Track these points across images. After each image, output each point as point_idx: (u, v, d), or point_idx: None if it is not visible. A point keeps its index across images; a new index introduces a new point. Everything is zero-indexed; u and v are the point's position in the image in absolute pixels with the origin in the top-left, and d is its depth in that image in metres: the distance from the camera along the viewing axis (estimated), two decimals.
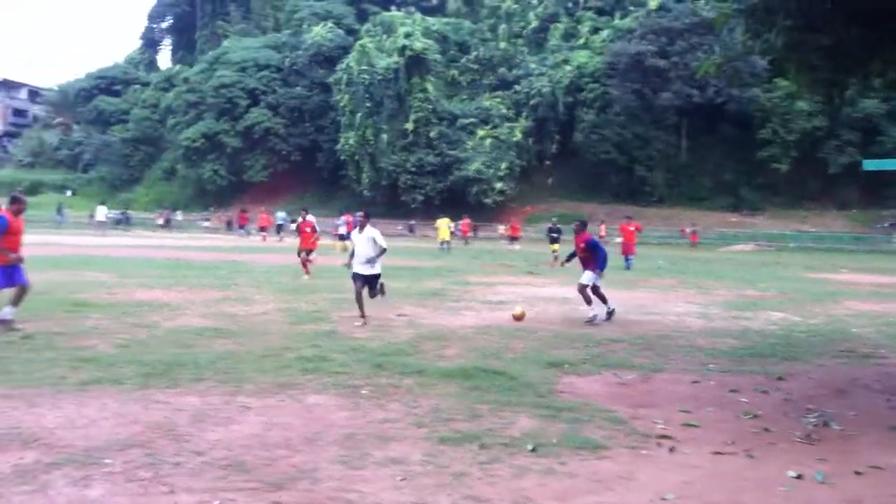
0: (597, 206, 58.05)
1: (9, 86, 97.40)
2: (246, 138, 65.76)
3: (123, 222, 57.96)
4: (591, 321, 12.71)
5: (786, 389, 8.24)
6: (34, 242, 33.62)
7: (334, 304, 14.38)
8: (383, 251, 12.17)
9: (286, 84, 67.63)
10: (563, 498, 4.87)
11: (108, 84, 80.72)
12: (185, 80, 71.65)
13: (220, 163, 66.58)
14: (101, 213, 47.24)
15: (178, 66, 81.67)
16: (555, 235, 30.25)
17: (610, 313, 13.10)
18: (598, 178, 60.29)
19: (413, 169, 59.77)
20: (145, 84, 79.52)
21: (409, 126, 60.18)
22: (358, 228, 12.56)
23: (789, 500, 5.00)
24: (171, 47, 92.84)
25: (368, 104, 61.11)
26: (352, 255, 12.67)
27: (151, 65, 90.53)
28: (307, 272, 20.05)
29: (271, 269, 23.04)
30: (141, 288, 16.14)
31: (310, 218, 21.98)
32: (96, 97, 78.91)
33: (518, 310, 12.82)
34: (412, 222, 57.98)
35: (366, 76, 60.67)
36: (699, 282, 22.14)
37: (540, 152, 62.96)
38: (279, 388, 7.55)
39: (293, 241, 34.67)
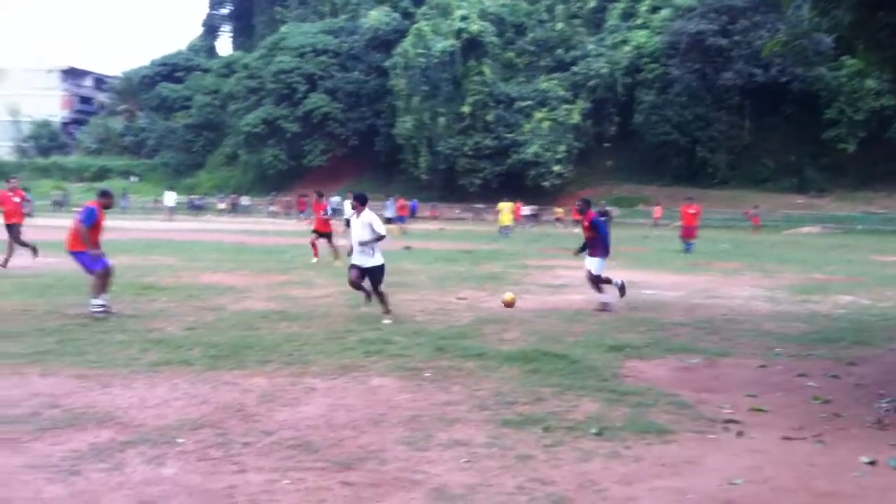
0: (657, 189, 57.33)
1: (75, 74, 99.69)
2: (305, 123, 66.30)
3: (199, 208, 58.73)
4: (604, 307, 12.09)
5: (857, 374, 8.07)
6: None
7: (395, 287, 14.45)
8: (380, 238, 10.86)
9: (343, 69, 67.94)
10: (629, 482, 4.85)
11: (170, 71, 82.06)
12: (245, 67, 72.48)
13: (279, 148, 67.27)
14: (171, 198, 48.28)
15: (238, 53, 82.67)
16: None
17: (621, 288, 12.62)
18: (658, 160, 59.47)
19: (470, 153, 59.64)
20: (206, 70, 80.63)
21: (466, 109, 60.02)
22: (355, 214, 11.23)
23: (862, 487, 4.90)
24: (231, 34, 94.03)
25: (425, 88, 61.10)
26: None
27: (212, 51, 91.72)
28: (315, 254, 19.68)
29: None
30: (207, 271, 16.47)
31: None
32: (159, 84, 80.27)
33: (507, 296, 12.40)
34: (479, 206, 57.67)
35: (422, 60, 60.63)
36: (764, 265, 21.74)
37: (598, 134, 62.29)
38: (343, 370, 7.65)
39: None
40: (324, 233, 19.97)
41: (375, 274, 10.89)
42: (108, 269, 10.75)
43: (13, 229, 16.92)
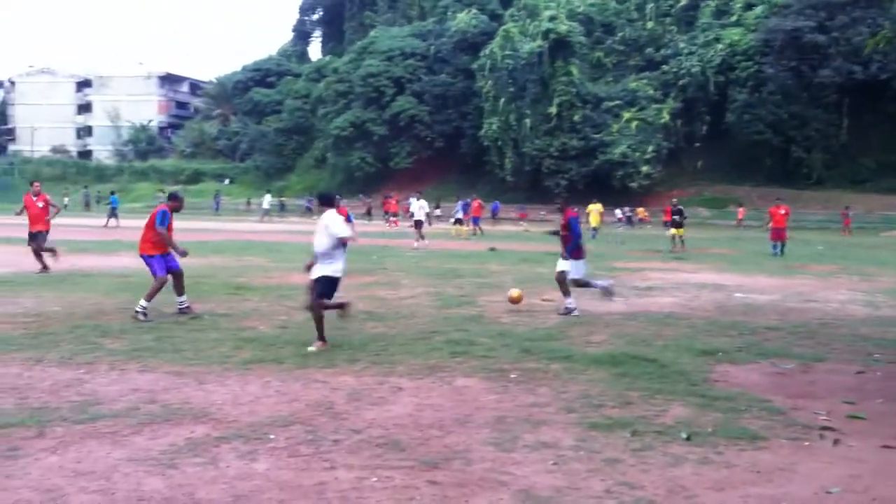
0: (749, 189, 55.87)
1: (171, 80, 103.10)
2: (392, 126, 67.02)
3: (308, 209, 59.03)
4: (568, 311, 11.47)
5: None
6: (194, 229, 35.59)
7: (481, 289, 14.49)
8: (341, 243, 8.88)
9: (431, 72, 68.41)
10: (721, 488, 4.74)
11: (262, 76, 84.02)
12: (335, 71, 73.68)
13: (367, 150, 68.17)
14: (266, 200, 49.38)
15: (327, 57, 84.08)
16: (677, 219, 28.26)
17: (568, 310, 11.51)
18: (750, 160, 57.89)
19: (556, 153, 59.22)
20: (297, 75, 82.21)
21: (553, 110, 59.63)
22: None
23: None
24: (321, 39, 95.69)
25: (512, 89, 61.01)
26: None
27: (303, 56, 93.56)
28: None
29: (417, 253, 23.46)
30: (296, 272, 16.75)
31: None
32: (252, 89, 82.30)
33: (514, 292, 12.03)
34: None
35: (509, 61, 60.56)
36: (862, 268, 20.96)
37: (689, 134, 61.06)
38: (429, 371, 7.70)
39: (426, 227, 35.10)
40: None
41: (323, 285, 8.81)
42: (177, 272, 11.01)
43: (37, 237, 16.44)
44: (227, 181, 79.00)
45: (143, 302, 10.49)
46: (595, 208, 36.84)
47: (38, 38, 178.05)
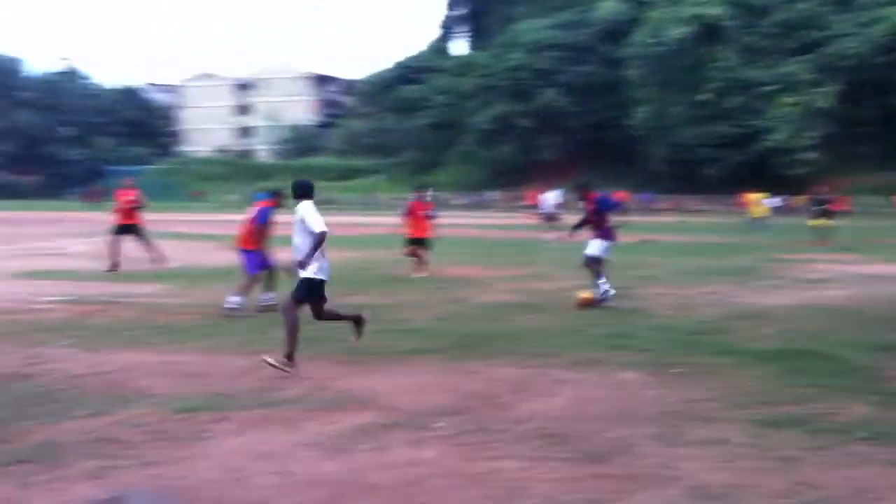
0: None
1: (324, 80, 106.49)
2: (537, 118, 66.66)
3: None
4: (604, 297, 11.21)
5: None
6: (348, 223, 36.67)
7: (638, 281, 14.22)
8: (316, 239, 7.40)
9: (575, 62, 67.56)
10: None
11: (410, 73, 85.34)
12: (480, 65, 73.99)
13: (512, 143, 68.15)
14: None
15: (473, 52, 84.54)
16: (819, 208, 25.38)
17: (603, 295, 11.25)
18: None
19: (709, 142, 57.28)
20: (444, 71, 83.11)
21: (704, 97, 57.65)
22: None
23: None
24: (467, 34, 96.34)
25: (660, 77, 59.41)
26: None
27: (449, 52, 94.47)
28: (419, 270, 15.16)
29: (567, 246, 23.25)
30: (451, 265, 17.02)
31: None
32: (400, 86, 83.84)
33: (584, 294, 11.36)
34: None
35: (657, 48, 58.97)
36: None
37: (852, 119, 57.59)
38: (589, 364, 7.63)
39: (569, 219, 34.47)
40: (419, 239, 15.66)
41: (300, 288, 7.56)
42: (271, 269, 10.85)
43: (123, 230, 15.97)
44: (378, 177, 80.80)
45: (234, 298, 10.44)
46: (755, 198, 35.37)
47: (203, 45, 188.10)
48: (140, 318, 10.13)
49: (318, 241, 7.41)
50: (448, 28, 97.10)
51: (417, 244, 15.38)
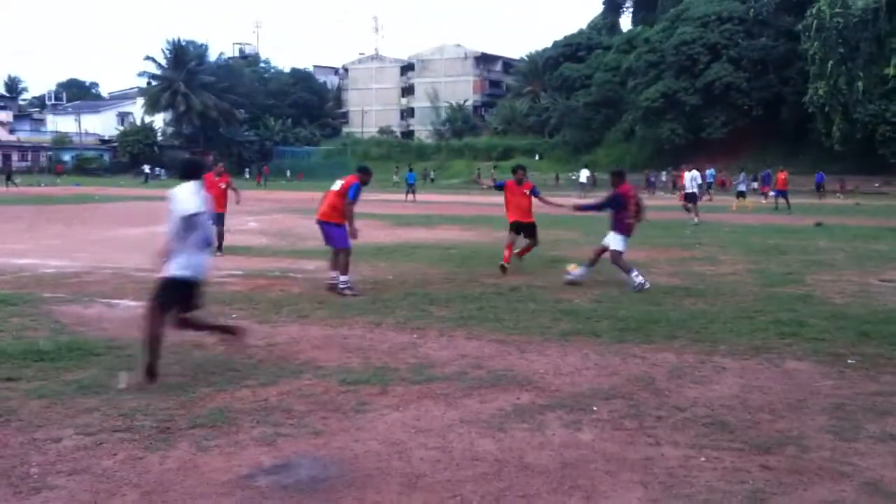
0: None
1: (486, 59, 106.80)
2: (705, 95, 64.34)
3: (652, 185, 57.96)
4: (640, 287, 10.62)
5: None
6: (501, 203, 36.69)
7: (809, 267, 13.51)
8: (182, 224, 6.20)
9: (749, 35, 64.64)
10: None
11: (572, 51, 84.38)
12: (646, 41, 72.06)
13: (678, 121, 66.12)
14: (584, 174, 49.50)
15: (638, 28, 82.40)
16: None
17: (640, 285, 10.69)
18: None
19: (894, 119, 53.48)
20: (607, 48, 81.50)
21: (891, 71, 53.67)
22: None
23: None
24: (632, 9, 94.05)
25: (841, 50, 55.76)
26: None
27: (613, 28, 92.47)
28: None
29: (736, 228, 22.43)
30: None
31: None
32: (562, 64, 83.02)
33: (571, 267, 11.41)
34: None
35: (839, 20, 55.38)
36: None
37: None
38: (755, 351, 7.33)
39: (724, 199, 33.20)
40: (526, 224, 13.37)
41: (163, 289, 6.29)
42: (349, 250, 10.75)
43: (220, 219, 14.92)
44: (536, 157, 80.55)
45: (342, 278, 10.43)
46: None
47: (368, 28, 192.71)
48: (306, 292, 10.55)
49: (186, 225, 6.13)
50: (613, 4, 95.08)
51: (518, 229, 13.18)
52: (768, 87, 63.17)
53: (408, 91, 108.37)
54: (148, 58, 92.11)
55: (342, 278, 10.48)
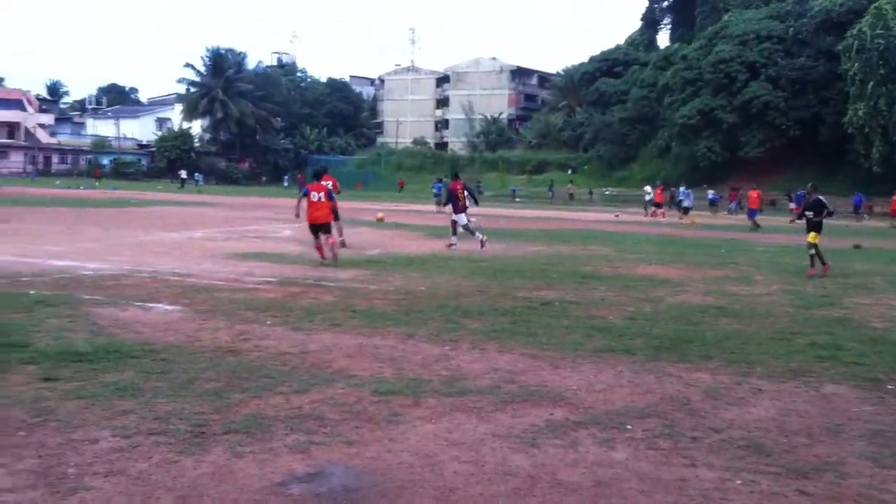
0: None
1: (521, 73, 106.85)
2: (742, 113, 63.80)
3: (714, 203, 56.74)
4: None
5: None
6: (534, 217, 36.69)
7: (846, 290, 13.33)
8: None
9: (788, 55, 64.05)
10: None
11: (608, 66, 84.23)
12: (683, 58, 71.67)
13: (714, 139, 65.59)
14: (648, 191, 48.41)
15: (676, 45, 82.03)
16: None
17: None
18: None
19: None
20: (644, 64, 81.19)
21: None
22: None
23: None
24: (670, 26, 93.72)
25: (882, 71, 55.12)
26: None
27: (650, 45, 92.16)
28: None
29: (771, 248, 22.19)
30: (641, 263, 16.66)
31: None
32: (598, 79, 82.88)
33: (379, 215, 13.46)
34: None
35: (881, 41, 54.75)
36: None
37: None
38: (792, 374, 7.23)
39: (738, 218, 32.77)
40: None
41: None
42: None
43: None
44: (570, 171, 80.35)
45: (341, 239, 15.47)
46: None
47: (404, 39, 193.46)
48: (339, 301, 10.58)
49: None
50: (651, 20, 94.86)
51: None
52: (807, 107, 62.53)
53: (443, 103, 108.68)
54: (187, 65, 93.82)
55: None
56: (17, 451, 4.69)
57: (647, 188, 48.77)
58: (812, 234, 15.39)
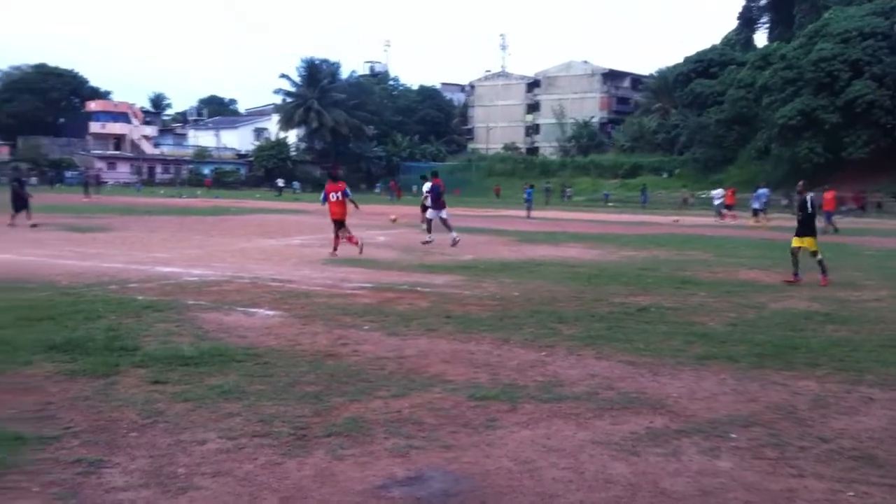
0: None
1: (614, 76, 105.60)
2: (846, 113, 61.47)
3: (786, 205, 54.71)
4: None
5: None
6: (626, 221, 36.10)
7: None
8: None
9: (893, 52, 61.46)
10: None
11: (704, 67, 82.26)
12: (782, 57, 69.53)
13: (816, 140, 63.37)
14: (718, 194, 47.42)
15: (774, 44, 79.61)
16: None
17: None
18: None
19: None
20: (741, 64, 79.04)
21: None
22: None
23: None
24: (768, 25, 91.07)
25: None
26: None
27: (747, 44, 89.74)
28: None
29: (879, 252, 21.34)
30: (741, 268, 16.25)
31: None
32: (693, 80, 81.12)
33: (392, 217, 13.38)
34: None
35: None
36: None
37: None
38: None
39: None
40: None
41: None
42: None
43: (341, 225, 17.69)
44: (664, 175, 78.97)
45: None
46: None
47: (494, 45, 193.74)
48: (433, 306, 10.64)
49: None
50: (748, 19, 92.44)
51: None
52: None
53: (533, 108, 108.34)
54: (283, 76, 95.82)
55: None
56: (130, 452, 4.87)
57: (716, 192, 47.54)
58: (807, 238, 14.31)
